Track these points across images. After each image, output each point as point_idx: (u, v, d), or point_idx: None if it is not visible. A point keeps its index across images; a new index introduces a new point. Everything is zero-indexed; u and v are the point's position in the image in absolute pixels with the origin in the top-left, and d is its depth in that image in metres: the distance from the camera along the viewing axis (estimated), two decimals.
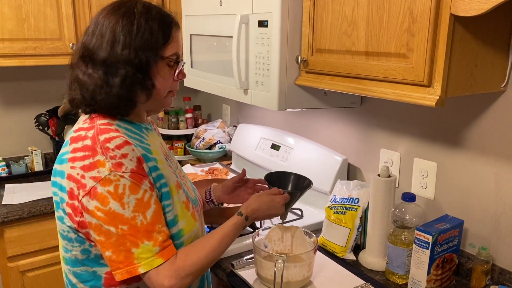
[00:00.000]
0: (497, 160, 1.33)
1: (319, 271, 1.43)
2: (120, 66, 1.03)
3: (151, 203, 1.02)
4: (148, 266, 1.00)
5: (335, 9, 1.33)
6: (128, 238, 0.99)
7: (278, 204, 1.26)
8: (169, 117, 2.68)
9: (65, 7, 2.17)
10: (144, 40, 1.04)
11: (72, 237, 1.07)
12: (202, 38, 1.95)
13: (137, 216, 1.00)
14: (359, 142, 1.80)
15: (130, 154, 1.01)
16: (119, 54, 1.03)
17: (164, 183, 1.08)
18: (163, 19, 1.08)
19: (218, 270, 1.47)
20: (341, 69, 1.34)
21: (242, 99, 1.70)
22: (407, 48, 1.13)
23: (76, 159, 1.02)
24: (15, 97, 2.49)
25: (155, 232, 1.01)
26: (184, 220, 1.12)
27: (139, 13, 1.05)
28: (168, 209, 1.08)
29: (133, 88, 1.05)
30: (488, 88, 1.24)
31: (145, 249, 1.00)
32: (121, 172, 0.99)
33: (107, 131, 1.04)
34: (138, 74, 1.04)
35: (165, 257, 1.02)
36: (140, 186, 1.01)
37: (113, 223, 0.99)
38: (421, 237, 1.28)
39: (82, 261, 1.09)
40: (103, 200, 0.98)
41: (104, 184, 0.98)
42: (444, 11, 1.05)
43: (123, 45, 1.03)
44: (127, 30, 1.03)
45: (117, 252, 1.00)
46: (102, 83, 1.03)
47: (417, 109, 1.54)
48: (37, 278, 2.11)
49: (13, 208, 2.02)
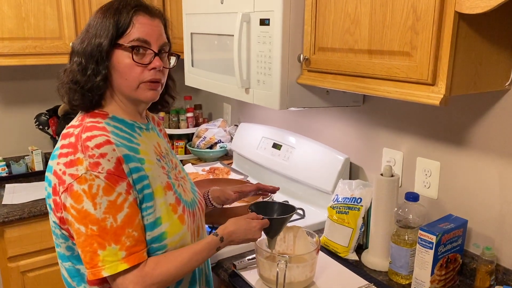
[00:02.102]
0: (501, 159, 1.32)
1: (321, 271, 1.42)
2: (75, 57, 1.08)
3: (123, 207, 1.01)
4: (112, 270, 1.00)
5: (338, 7, 1.32)
6: (96, 239, 0.99)
7: (255, 228, 1.23)
8: (170, 116, 2.67)
9: (65, 5, 2.17)
10: (96, 29, 1.07)
11: (58, 233, 1.09)
12: (203, 36, 1.94)
13: (108, 218, 0.99)
14: (362, 141, 1.79)
15: (109, 154, 1.01)
16: (77, 47, 1.09)
17: (147, 184, 1.07)
18: (119, 7, 1.08)
19: (220, 271, 1.46)
20: (343, 67, 1.33)
21: (244, 98, 1.69)
22: (411, 46, 1.12)
23: (61, 155, 1.04)
24: (15, 97, 2.48)
25: (124, 236, 1.01)
26: (169, 223, 1.10)
27: (104, 7, 1.10)
28: (150, 211, 1.07)
29: (93, 79, 1.06)
30: (493, 86, 1.23)
31: (111, 252, 1.00)
32: (96, 172, 0.99)
33: (91, 129, 1.04)
34: (90, 63, 1.06)
35: (131, 262, 1.01)
36: (114, 188, 1.00)
37: (83, 222, 0.99)
38: (425, 237, 1.27)
39: (68, 257, 1.10)
40: (77, 198, 0.99)
41: (80, 182, 0.99)
42: (448, 9, 1.04)
43: (81, 39, 1.09)
44: (87, 24, 1.10)
45: (84, 252, 1.01)
46: (64, 76, 1.10)
47: (421, 108, 1.53)
48: (37, 278, 2.11)
49: (13, 208, 2.01)
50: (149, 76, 1.09)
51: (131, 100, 1.12)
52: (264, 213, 1.29)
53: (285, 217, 1.31)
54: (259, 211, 1.29)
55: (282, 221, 1.31)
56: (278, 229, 1.31)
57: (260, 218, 1.26)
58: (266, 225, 1.26)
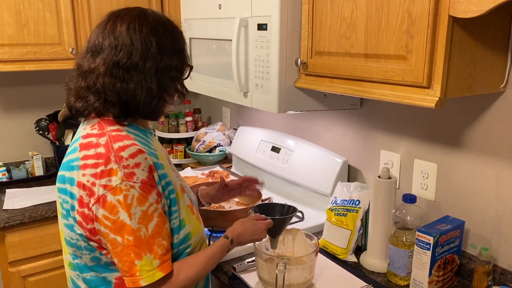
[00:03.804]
0: (498, 161, 1.33)
1: (320, 273, 1.43)
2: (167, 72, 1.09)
3: (154, 216, 1.03)
4: (150, 279, 1.02)
5: (334, 12, 1.33)
6: (133, 250, 1.00)
7: (261, 229, 1.28)
8: (169, 121, 2.68)
9: (64, 12, 2.18)
10: (177, 45, 1.11)
11: (82, 245, 1.07)
12: (201, 41, 1.95)
13: (141, 228, 1.01)
14: (359, 143, 1.80)
15: (143, 163, 1.02)
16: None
17: (172, 189, 1.10)
18: (178, 29, 1.14)
19: (219, 273, 1.47)
20: (340, 71, 1.34)
21: (242, 102, 1.70)
22: (406, 50, 1.14)
23: (87, 166, 1.02)
24: (15, 102, 2.49)
25: (156, 245, 1.03)
26: (191, 224, 1.14)
27: (169, 22, 1.12)
28: (175, 215, 1.10)
29: (156, 105, 1.09)
30: (488, 89, 1.24)
31: (147, 261, 1.01)
32: (132, 182, 0.99)
33: (120, 138, 1.04)
34: (164, 93, 1.10)
35: (165, 270, 1.04)
36: (147, 198, 1.01)
37: (119, 232, 1.00)
38: (422, 238, 1.28)
39: (92, 267, 1.09)
40: (112, 209, 0.99)
41: (114, 193, 0.99)
42: (442, 13, 1.05)
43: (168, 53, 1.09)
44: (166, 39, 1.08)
45: (122, 262, 1.02)
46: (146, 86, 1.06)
47: (417, 111, 1.54)
48: (38, 283, 2.11)
49: (14, 213, 2.02)
50: None
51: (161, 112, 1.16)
52: (266, 214, 1.35)
53: (287, 217, 1.36)
54: (261, 213, 1.35)
55: (284, 221, 1.36)
56: (280, 228, 1.36)
57: (264, 219, 1.31)
58: (270, 225, 1.31)
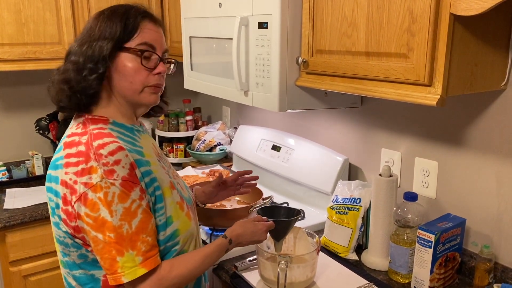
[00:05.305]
0: (498, 158, 1.33)
1: (322, 271, 1.43)
2: (72, 56, 1.08)
3: (137, 213, 1.02)
4: (131, 276, 1.02)
5: (335, 10, 1.33)
6: (114, 246, 1.00)
7: (261, 230, 1.27)
8: (169, 120, 2.68)
9: (64, 11, 2.18)
10: (100, 32, 1.07)
11: (69, 243, 1.08)
12: (201, 40, 1.95)
13: (124, 224, 1.00)
14: (360, 142, 1.81)
15: (123, 160, 1.02)
16: (75, 48, 1.09)
17: (157, 186, 1.09)
18: (127, 12, 1.09)
19: (221, 272, 1.47)
20: (341, 69, 1.34)
21: (243, 100, 1.70)
22: (408, 48, 1.14)
23: (69, 165, 1.03)
24: (15, 102, 2.49)
25: (139, 241, 1.02)
26: (179, 220, 1.13)
27: (108, 11, 1.10)
28: (162, 212, 1.09)
29: (87, 78, 1.06)
30: (489, 86, 1.24)
31: (129, 258, 1.01)
32: (112, 179, 0.99)
33: (101, 136, 1.05)
34: (89, 63, 1.06)
35: (149, 267, 1.03)
36: (129, 195, 1.01)
37: (101, 230, 1.00)
38: (424, 236, 1.29)
39: (80, 265, 1.10)
40: (93, 206, 0.99)
41: (95, 190, 0.99)
42: (444, 11, 1.05)
43: (80, 41, 1.09)
44: (89, 27, 1.09)
45: (104, 259, 1.02)
46: (56, 76, 1.10)
47: (418, 109, 1.55)
48: (39, 282, 2.11)
49: (14, 212, 2.02)
50: (154, 81, 1.11)
51: (132, 103, 1.13)
52: (270, 217, 1.32)
53: (290, 220, 1.33)
54: (265, 215, 1.33)
55: (287, 224, 1.33)
56: (284, 232, 1.34)
57: (265, 221, 1.29)
58: (271, 227, 1.29)
